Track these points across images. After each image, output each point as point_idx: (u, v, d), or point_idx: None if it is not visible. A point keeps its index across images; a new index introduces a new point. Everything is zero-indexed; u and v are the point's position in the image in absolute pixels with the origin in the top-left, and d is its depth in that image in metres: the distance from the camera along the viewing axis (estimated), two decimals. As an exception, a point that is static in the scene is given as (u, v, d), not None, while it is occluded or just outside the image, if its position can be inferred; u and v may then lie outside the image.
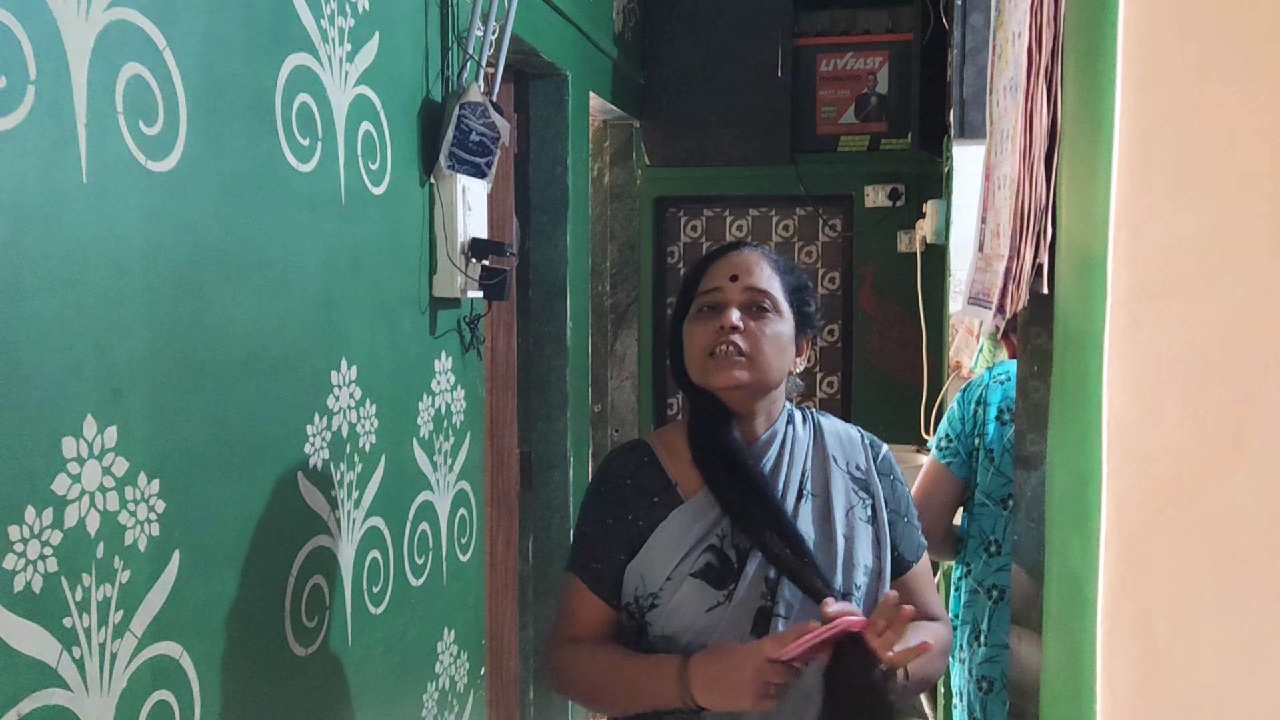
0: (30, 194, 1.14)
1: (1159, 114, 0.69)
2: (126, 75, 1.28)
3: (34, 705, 1.16)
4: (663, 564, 1.42)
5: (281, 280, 1.64)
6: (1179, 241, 0.69)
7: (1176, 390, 0.70)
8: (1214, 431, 0.70)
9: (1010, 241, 0.98)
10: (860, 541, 1.47)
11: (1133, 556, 0.71)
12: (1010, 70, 1.07)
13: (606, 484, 1.49)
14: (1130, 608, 0.71)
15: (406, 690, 2.15)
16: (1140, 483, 0.71)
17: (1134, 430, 0.71)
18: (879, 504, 1.51)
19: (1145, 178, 0.70)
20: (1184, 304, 0.69)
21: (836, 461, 1.51)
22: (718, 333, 1.42)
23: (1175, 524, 0.70)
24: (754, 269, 1.46)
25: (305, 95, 1.69)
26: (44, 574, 1.17)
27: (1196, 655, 0.70)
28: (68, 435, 1.20)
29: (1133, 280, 0.70)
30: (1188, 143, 0.69)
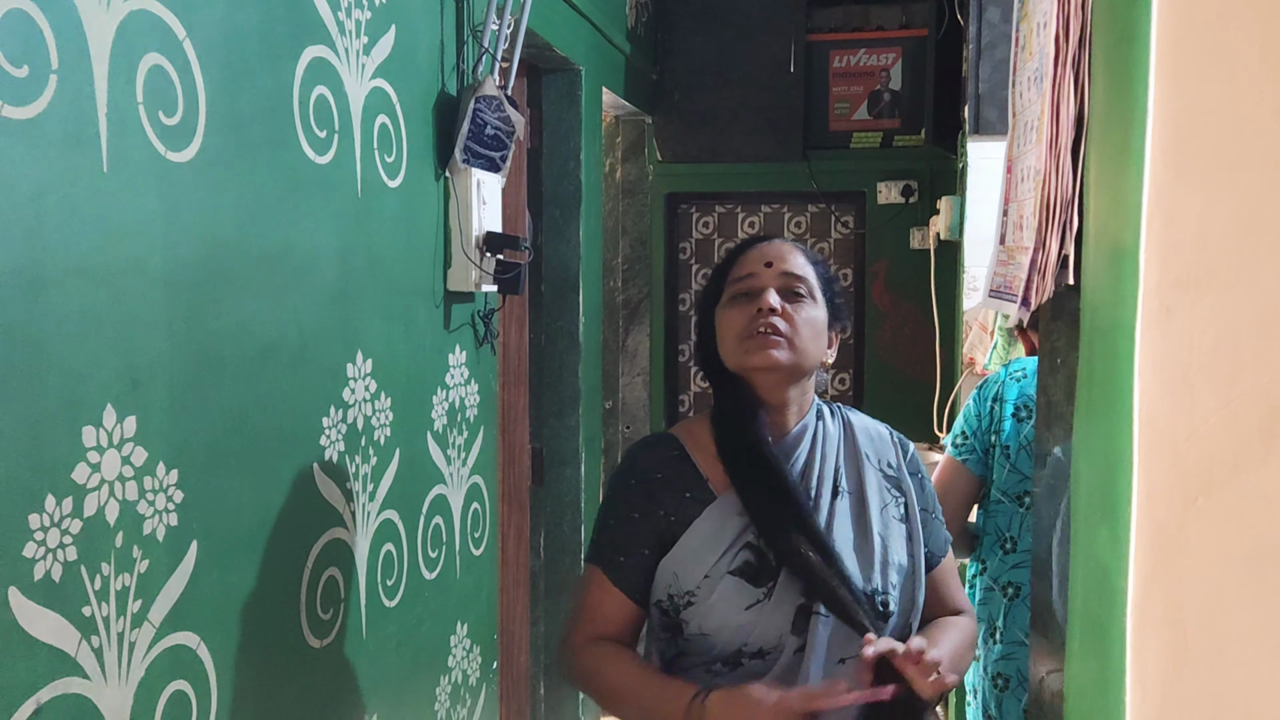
0: (52, 184, 1.14)
1: (1193, 101, 0.69)
2: (147, 65, 1.28)
3: (53, 694, 1.16)
4: (698, 561, 1.40)
5: (298, 272, 1.64)
6: (1213, 230, 0.69)
7: (1209, 380, 0.69)
8: (1247, 421, 0.69)
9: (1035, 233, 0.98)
10: (895, 540, 1.46)
11: (1164, 548, 0.70)
12: (1035, 61, 1.06)
13: (635, 477, 1.47)
14: (1161, 599, 0.71)
15: (419, 683, 2.16)
16: (1171, 473, 0.70)
17: (1165, 420, 0.70)
18: (911, 502, 1.50)
19: (1179, 166, 0.69)
20: (1217, 293, 0.69)
21: (869, 459, 1.50)
22: (755, 316, 1.41)
23: (1207, 515, 0.70)
24: (788, 256, 1.47)
25: (322, 88, 1.69)
26: (64, 563, 1.17)
27: (1228, 648, 0.70)
28: (88, 425, 1.20)
29: (1165, 270, 0.69)
30: (1223, 130, 0.68)
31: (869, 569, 1.41)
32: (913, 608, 1.44)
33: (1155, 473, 0.71)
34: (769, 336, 1.40)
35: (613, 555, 1.45)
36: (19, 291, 1.10)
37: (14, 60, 1.08)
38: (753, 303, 1.42)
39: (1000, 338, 2.98)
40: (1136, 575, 0.71)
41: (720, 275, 1.50)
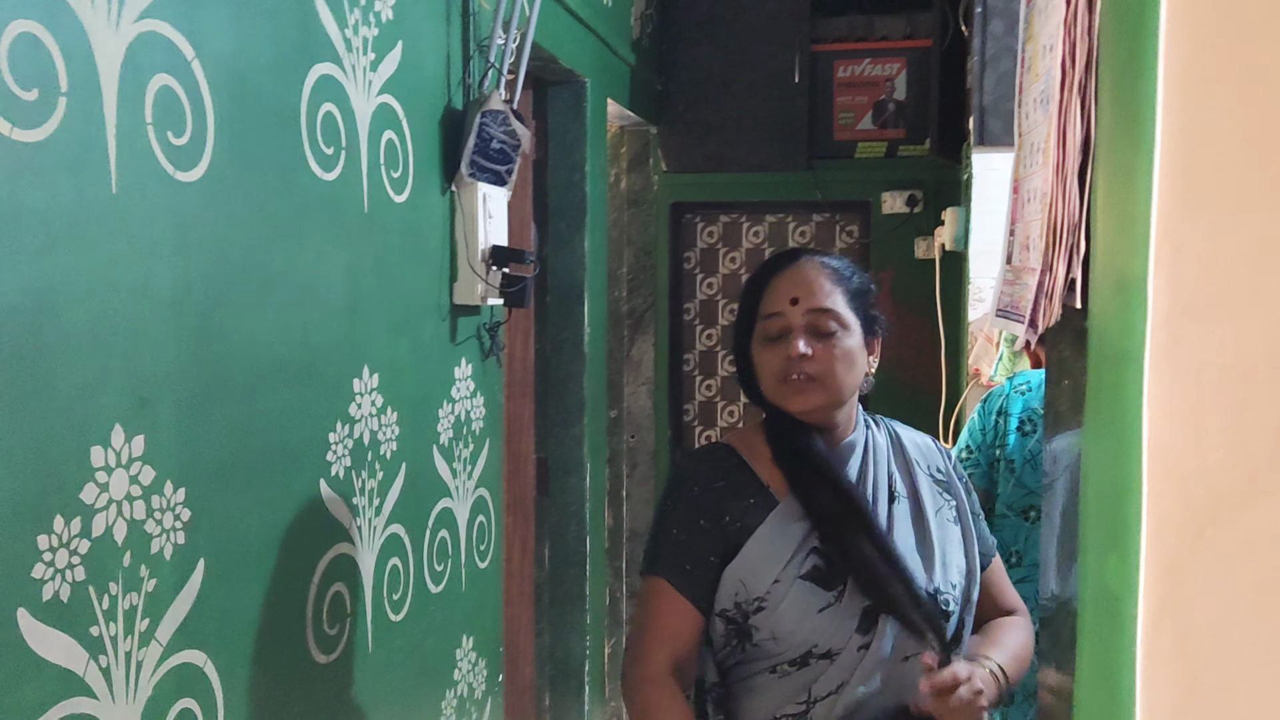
0: (61, 205, 1.15)
1: (1202, 129, 0.69)
2: (156, 86, 1.29)
3: (61, 714, 1.16)
4: (767, 567, 1.41)
5: (305, 288, 1.65)
6: (1222, 259, 0.69)
7: (1218, 410, 0.69)
8: (1257, 452, 0.69)
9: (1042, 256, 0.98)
10: (951, 541, 1.50)
11: (1173, 578, 0.70)
12: (1041, 83, 1.06)
13: (697, 486, 1.48)
14: (1171, 630, 0.70)
15: (425, 697, 2.16)
16: (1181, 504, 0.70)
17: (1174, 451, 0.70)
18: (962, 504, 1.54)
19: (1188, 194, 0.69)
20: (1227, 323, 0.69)
21: (919, 465, 1.54)
22: (786, 361, 1.42)
23: (1216, 546, 0.70)
24: (814, 288, 1.44)
25: (330, 104, 1.70)
26: (72, 583, 1.17)
27: (1238, 679, 0.70)
28: (96, 444, 1.20)
29: (1174, 299, 0.69)
30: (1233, 158, 0.68)
31: (930, 570, 1.44)
32: (968, 605, 1.49)
33: (1164, 503, 0.71)
34: (802, 382, 1.42)
35: (680, 565, 1.44)
36: (28, 312, 1.11)
37: (23, 83, 1.09)
38: (783, 345, 1.43)
39: (1006, 349, 2.98)
40: (1146, 606, 0.70)
41: (749, 307, 1.50)
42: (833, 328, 1.43)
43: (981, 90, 3.02)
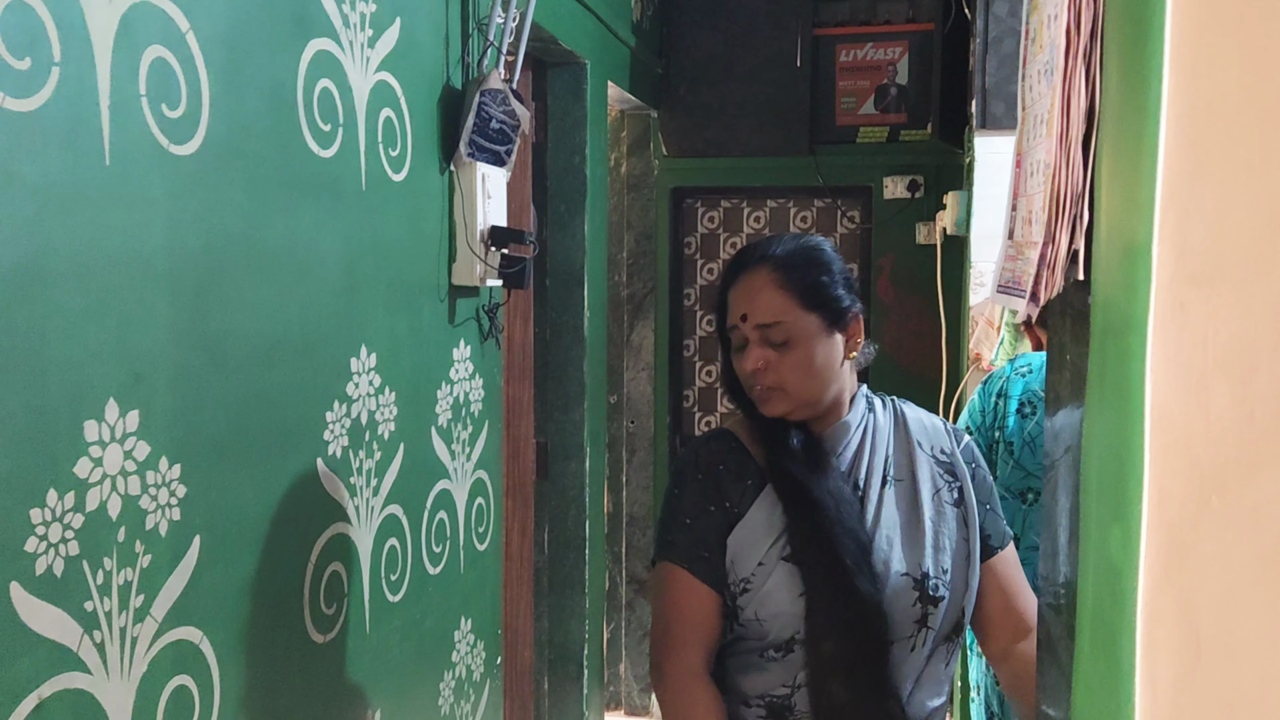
0: (54, 177, 1.14)
1: (1210, 93, 0.68)
2: (150, 58, 1.27)
3: (55, 689, 1.15)
4: (753, 550, 1.42)
5: (302, 266, 1.64)
6: (1229, 225, 0.67)
7: (1224, 378, 0.68)
8: (1263, 420, 0.68)
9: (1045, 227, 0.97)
10: (948, 524, 1.48)
11: (1176, 548, 0.69)
12: (1045, 54, 1.05)
13: (701, 471, 1.48)
14: (1173, 600, 0.69)
15: (423, 678, 2.15)
16: (1185, 472, 0.69)
17: (1179, 419, 0.69)
18: (966, 486, 1.51)
19: (1194, 160, 0.68)
20: (1234, 289, 0.68)
21: (921, 446, 1.52)
22: (745, 374, 1.46)
23: (1221, 514, 0.68)
24: (758, 301, 1.43)
25: (327, 81, 1.69)
26: (65, 557, 1.16)
27: (1242, 650, 0.69)
28: (89, 419, 1.20)
29: (1180, 265, 0.68)
30: (1241, 123, 0.67)
31: (919, 553, 1.43)
32: (966, 591, 1.47)
33: (1168, 472, 0.69)
34: (765, 391, 1.44)
35: (696, 551, 1.44)
36: (21, 285, 1.10)
37: (15, 52, 1.08)
38: (742, 354, 1.46)
39: (1007, 333, 2.97)
40: (1147, 576, 0.69)
41: (719, 306, 1.52)
42: (782, 337, 1.42)
43: (984, 73, 3.00)
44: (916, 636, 1.42)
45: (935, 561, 1.44)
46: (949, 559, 1.45)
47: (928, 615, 1.42)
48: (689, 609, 1.43)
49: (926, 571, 1.43)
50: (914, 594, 1.41)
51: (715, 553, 1.44)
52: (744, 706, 1.44)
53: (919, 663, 1.44)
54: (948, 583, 1.44)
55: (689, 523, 1.46)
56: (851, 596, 1.37)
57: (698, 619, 1.43)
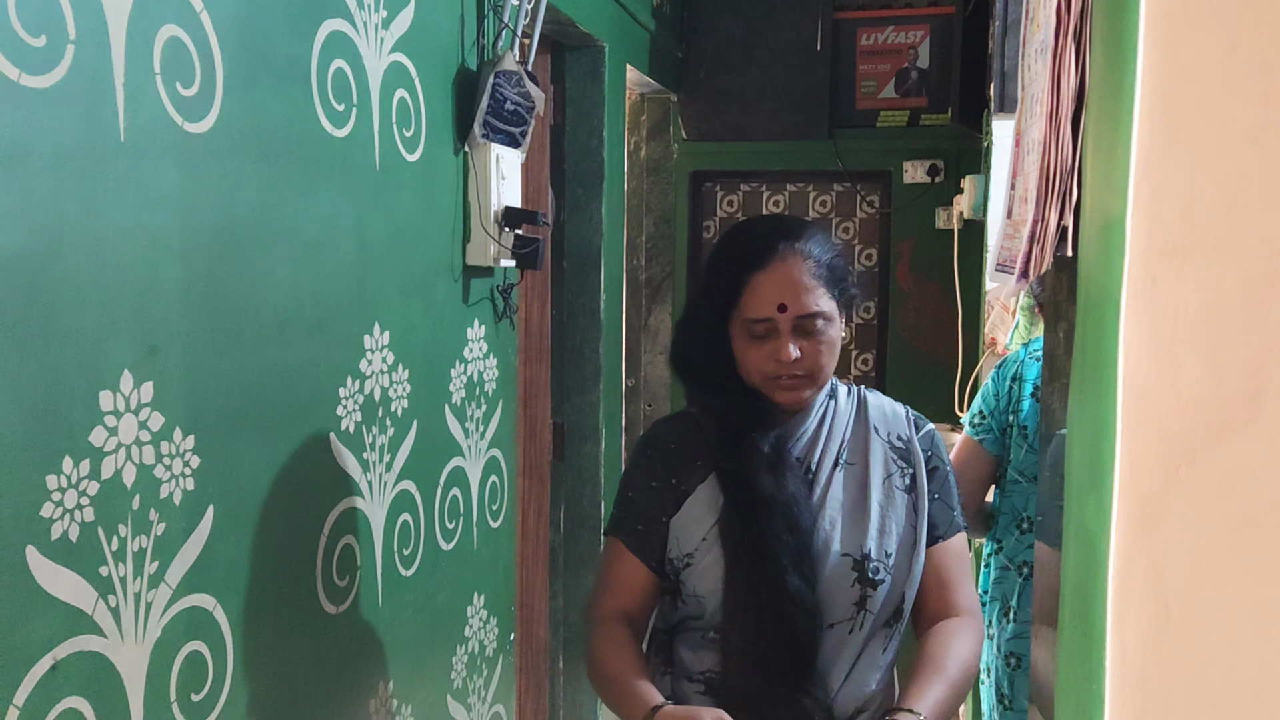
0: (70, 153, 1.17)
1: (1182, 72, 0.69)
2: (164, 37, 1.30)
3: (69, 650, 1.19)
4: (696, 526, 1.47)
5: (315, 244, 1.67)
6: (1199, 200, 0.69)
7: (1194, 349, 0.69)
8: (1231, 390, 0.69)
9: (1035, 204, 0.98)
10: (895, 508, 1.49)
11: (1146, 515, 0.71)
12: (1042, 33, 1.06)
13: (653, 448, 1.54)
14: (1143, 566, 0.71)
15: (436, 652, 2.19)
16: (1155, 442, 0.70)
17: (1150, 389, 0.70)
18: (919, 473, 1.52)
19: (1166, 136, 0.69)
20: (1203, 263, 0.69)
21: (878, 431, 1.54)
22: (776, 364, 1.43)
23: (1190, 483, 0.70)
24: (799, 290, 1.41)
25: (341, 61, 1.71)
26: (81, 523, 1.20)
27: (1209, 614, 0.70)
28: (104, 389, 1.23)
29: (1152, 239, 0.70)
30: (1211, 102, 0.68)
31: (862, 535, 1.45)
32: (908, 577, 1.47)
33: (1139, 441, 0.71)
34: (792, 382, 1.44)
35: (632, 525, 1.51)
36: (37, 256, 1.13)
37: (31, 29, 1.11)
38: (770, 345, 1.43)
39: (1022, 318, 2.97)
40: (1118, 543, 0.71)
41: (725, 290, 1.45)
42: (820, 326, 1.43)
43: (1002, 56, 2.99)
44: (855, 619, 1.43)
45: (878, 544, 1.45)
46: (893, 543, 1.46)
47: (866, 598, 1.43)
48: (619, 576, 1.50)
49: (868, 553, 1.44)
50: (852, 575, 1.43)
51: (651, 527, 1.49)
52: (687, 681, 1.49)
53: (855, 646, 1.44)
54: (889, 566, 1.45)
55: (631, 496, 1.52)
56: (773, 590, 1.38)
57: (620, 584, 1.50)
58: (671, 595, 1.50)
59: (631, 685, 1.39)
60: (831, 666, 1.43)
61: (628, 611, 1.50)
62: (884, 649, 1.48)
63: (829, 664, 1.43)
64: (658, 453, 1.53)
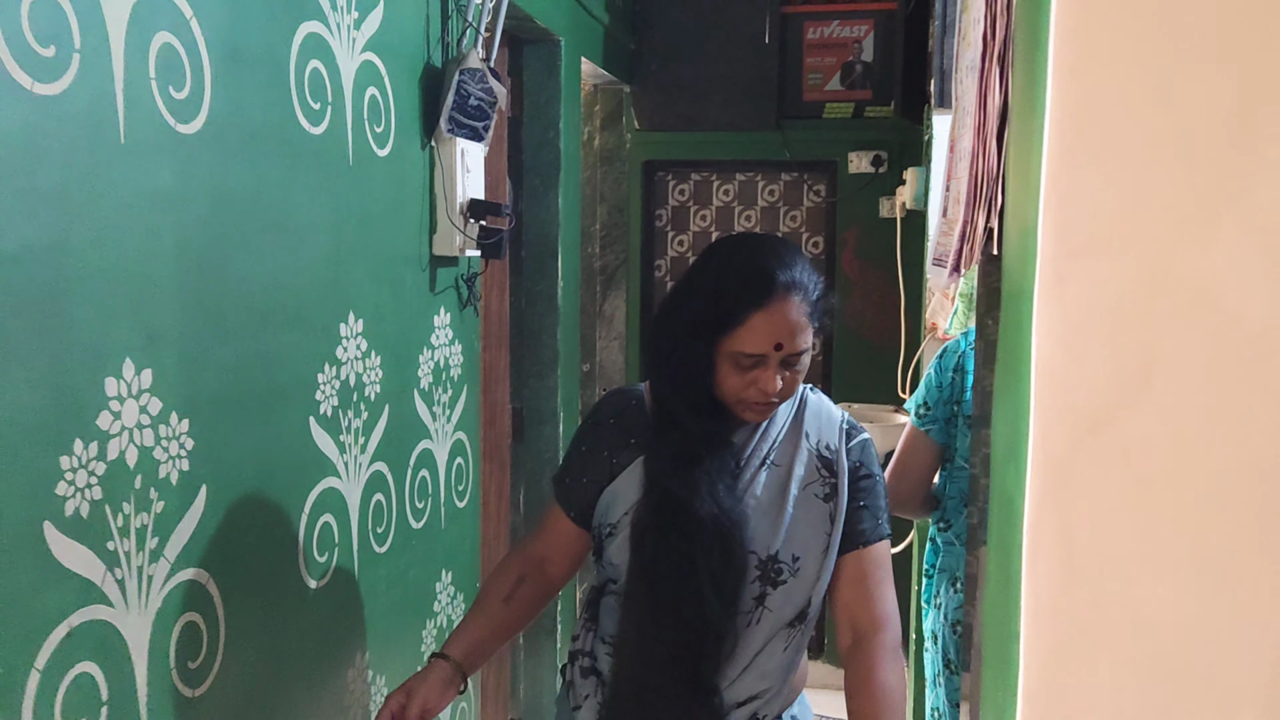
0: (76, 155, 1.24)
1: (1084, 98, 0.81)
2: (159, 43, 1.38)
3: (82, 619, 1.28)
4: (621, 501, 1.58)
5: (295, 236, 1.75)
6: (1100, 209, 0.81)
7: (1095, 336, 0.82)
8: (1127, 371, 0.82)
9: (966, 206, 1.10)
10: (809, 514, 1.56)
11: (1055, 477, 0.83)
12: (972, 52, 1.18)
13: (594, 418, 1.68)
14: (1053, 522, 0.83)
15: (408, 626, 2.29)
16: (1063, 415, 0.83)
17: (1059, 371, 0.83)
18: (841, 483, 1.58)
19: (1072, 153, 0.81)
20: (1103, 263, 0.81)
21: (808, 437, 1.61)
22: (759, 392, 1.49)
23: (1093, 449, 0.82)
24: (794, 331, 1.47)
25: (316, 61, 1.79)
26: (90, 501, 1.28)
27: (1109, 562, 0.83)
28: (109, 375, 1.31)
29: (1059, 242, 0.82)
30: (1109, 124, 0.80)
31: (772, 536, 1.53)
32: (816, 581, 1.55)
33: (1049, 415, 0.83)
34: (767, 408, 1.53)
35: (562, 477, 1.68)
36: (48, 252, 1.21)
37: (42, 40, 1.18)
38: (756, 372, 1.48)
39: (961, 304, 3.12)
40: (1031, 501, 0.83)
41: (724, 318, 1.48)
42: (803, 360, 1.51)
43: (941, 54, 3.13)
44: (752, 614, 1.53)
45: (787, 548, 1.53)
46: (802, 548, 1.54)
47: (765, 595, 1.52)
48: (544, 524, 1.71)
49: (774, 554, 1.53)
50: (755, 573, 1.52)
51: (576, 483, 1.64)
52: (600, 643, 1.63)
53: (752, 641, 1.53)
54: (794, 569, 1.53)
55: (568, 456, 1.69)
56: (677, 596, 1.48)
57: (546, 532, 1.70)
58: (597, 556, 1.64)
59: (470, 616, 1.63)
60: (726, 659, 1.52)
61: (540, 553, 1.69)
62: (785, 647, 1.56)
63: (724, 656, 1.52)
64: (595, 424, 1.66)
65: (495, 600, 1.64)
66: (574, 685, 1.64)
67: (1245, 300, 0.79)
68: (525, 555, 1.70)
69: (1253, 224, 0.77)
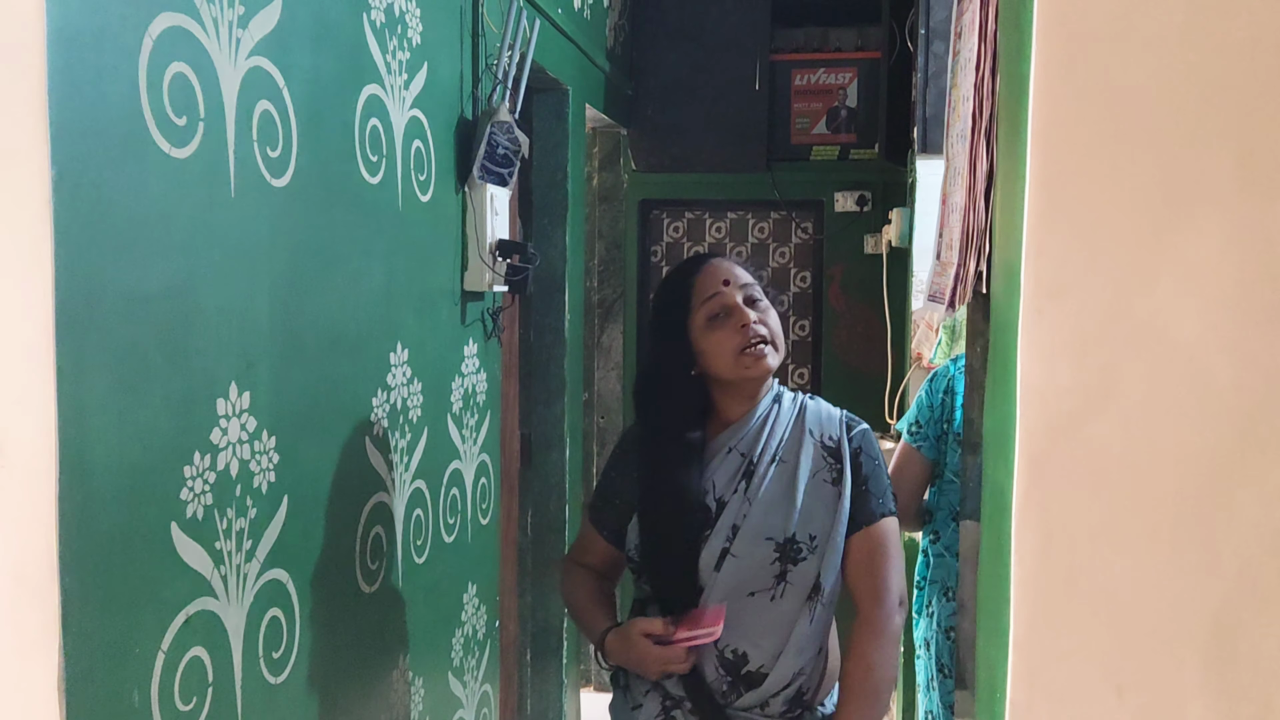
0: (199, 208, 1.45)
1: (1056, 174, 1.03)
2: (259, 110, 1.59)
3: (196, 609, 1.47)
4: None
5: (356, 274, 1.96)
6: (1068, 260, 1.03)
7: (1066, 359, 1.04)
8: (1092, 386, 1.04)
9: (959, 253, 1.31)
10: (820, 500, 1.77)
11: (1036, 471, 1.05)
12: (961, 123, 1.40)
13: (622, 448, 1.91)
14: (1034, 505, 1.05)
15: (440, 633, 2.47)
16: (1042, 421, 1.05)
17: (1038, 386, 1.05)
18: (845, 468, 1.78)
19: (1047, 216, 1.04)
20: (1073, 300, 1.03)
21: (811, 433, 1.82)
22: (741, 330, 1.73)
23: (1065, 448, 1.04)
24: (736, 272, 1.77)
25: (375, 119, 2.01)
26: (204, 506, 1.48)
27: (1078, 538, 1.05)
28: (219, 397, 1.51)
29: (1038, 285, 1.04)
30: (1075, 195, 1.03)
31: (787, 522, 1.74)
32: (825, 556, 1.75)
33: (1031, 421, 1.05)
34: (759, 347, 1.73)
35: (596, 501, 1.91)
36: (179, 293, 1.41)
37: (178, 112, 1.39)
38: (731, 319, 1.74)
39: (944, 334, 3.35)
40: (1018, 490, 1.05)
41: (680, 295, 1.79)
42: (761, 296, 1.77)
43: (924, 103, 3.38)
44: (774, 589, 1.73)
45: (804, 529, 1.74)
46: (817, 527, 1.75)
47: (787, 571, 1.73)
48: (582, 543, 1.94)
49: (792, 536, 1.74)
50: (774, 555, 1.73)
51: (609, 505, 1.87)
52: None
53: (780, 615, 1.73)
54: (813, 547, 1.74)
55: (600, 483, 1.92)
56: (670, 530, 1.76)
57: (585, 550, 1.93)
58: (635, 573, 1.85)
59: (588, 610, 1.83)
60: (762, 635, 1.72)
61: (589, 565, 1.91)
62: (810, 620, 1.74)
63: (757, 630, 1.72)
64: (626, 452, 1.89)
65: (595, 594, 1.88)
66: (629, 688, 1.82)
67: (1180, 332, 1.01)
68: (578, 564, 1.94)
69: (1185, 274, 1.00)
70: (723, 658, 1.73)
